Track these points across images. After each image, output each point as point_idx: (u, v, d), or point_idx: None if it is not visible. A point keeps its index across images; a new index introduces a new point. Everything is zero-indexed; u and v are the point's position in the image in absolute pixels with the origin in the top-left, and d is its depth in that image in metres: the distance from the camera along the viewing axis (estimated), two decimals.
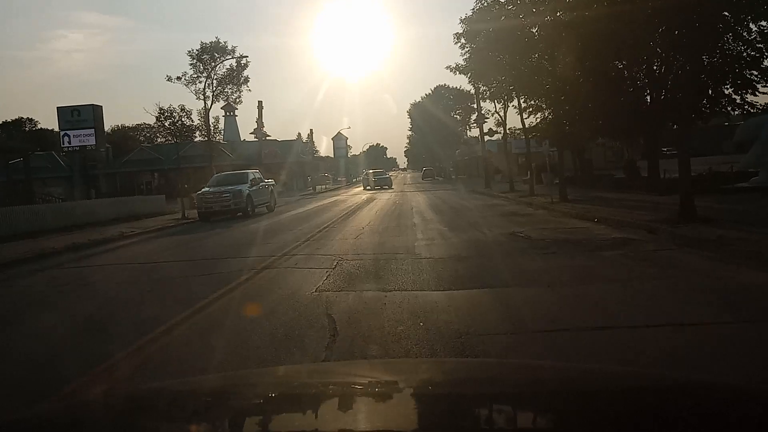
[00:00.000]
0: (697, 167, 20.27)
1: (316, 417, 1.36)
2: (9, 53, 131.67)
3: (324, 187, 58.34)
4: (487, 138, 39.49)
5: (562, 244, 9.00)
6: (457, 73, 23.89)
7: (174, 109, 21.22)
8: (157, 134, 67.34)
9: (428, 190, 36.67)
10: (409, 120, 70.47)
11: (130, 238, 15.57)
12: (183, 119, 21.07)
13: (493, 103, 25.95)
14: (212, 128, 31.10)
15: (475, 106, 60.22)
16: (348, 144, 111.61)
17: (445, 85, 61.71)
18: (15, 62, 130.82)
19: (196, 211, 20.99)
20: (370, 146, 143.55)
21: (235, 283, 7.04)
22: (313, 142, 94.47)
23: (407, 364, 2.93)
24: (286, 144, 60.56)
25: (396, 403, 1.47)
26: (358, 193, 39.80)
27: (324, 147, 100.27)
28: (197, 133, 28.40)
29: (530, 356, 3.84)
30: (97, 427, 1.38)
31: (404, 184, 56.89)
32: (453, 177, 59.67)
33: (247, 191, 20.95)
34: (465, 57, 23.03)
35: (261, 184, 22.70)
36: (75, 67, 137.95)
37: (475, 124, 33.30)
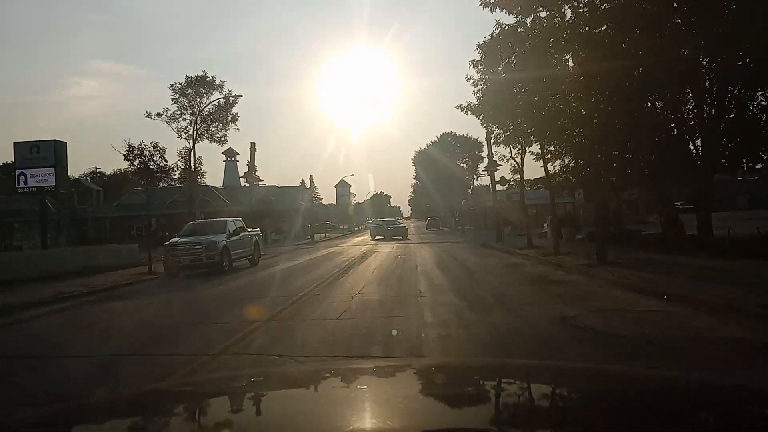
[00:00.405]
0: (724, 224, 17.57)
1: (317, 417, 1.37)
2: (26, 98, 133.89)
3: (324, 235, 55.42)
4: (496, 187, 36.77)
5: (654, 346, 5.80)
6: (468, 113, 21.24)
7: (145, 147, 18.40)
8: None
9: (434, 242, 33.52)
10: (414, 168, 68.14)
11: (62, 302, 12.41)
12: (155, 158, 18.20)
13: (508, 149, 23.23)
14: (195, 170, 28.33)
15: (484, 153, 58.18)
16: (352, 192, 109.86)
17: (451, 132, 59.74)
18: (30, 107, 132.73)
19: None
20: (374, 195, 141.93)
21: None
22: (313, 188, 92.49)
23: (407, 364, 3.02)
24: (284, 191, 58.04)
25: (396, 403, 1.48)
26: (357, 244, 36.72)
27: (328, 196, 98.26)
28: (178, 175, 25.74)
29: None
30: (97, 427, 1.40)
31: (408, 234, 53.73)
32: (459, 228, 56.62)
33: (224, 242, 17.90)
34: (478, 95, 20.45)
35: (243, 234, 19.67)
36: (89, 113, 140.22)
37: (485, 172, 30.53)
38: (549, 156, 24.11)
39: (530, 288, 11.01)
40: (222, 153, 78.42)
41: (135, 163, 18.31)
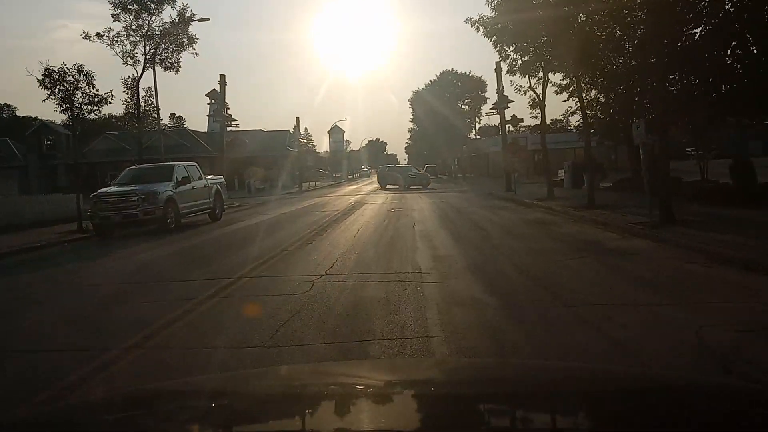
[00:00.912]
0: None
1: (317, 417, 1.36)
2: (10, 42, 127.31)
3: (314, 184, 51.43)
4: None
5: None
6: (480, 29, 16.92)
7: (68, 71, 14.14)
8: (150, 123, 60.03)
9: (433, 192, 29.69)
10: (411, 110, 62.82)
11: None
12: (80, 86, 13.98)
13: (526, 78, 19.00)
14: (144, 103, 23.93)
15: (488, 93, 53.23)
16: (346, 139, 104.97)
17: (452, 70, 54.23)
18: (15, 52, 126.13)
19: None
20: (369, 141, 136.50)
21: None
22: (305, 134, 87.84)
23: (407, 363, 2.92)
24: (271, 135, 53.53)
25: (396, 403, 1.47)
26: (347, 194, 32.87)
27: (322, 144, 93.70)
28: (123, 110, 21.58)
29: None
30: (97, 427, 1.37)
31: None
32: (459, 176, 52.56)
33: (169, 193, 14.02)
34: (494, 3, 16.07)
35: (197, 182, 15.74)
36: (75, 58, 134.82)
37: (493, 111, 26.30)
38: (573, 88, 20.09)
39: (584, 264, 7.25)
40: (205, 95, 73.42)
41: (55, 92, 14.14)
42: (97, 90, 14.67)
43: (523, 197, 19.82)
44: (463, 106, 54.33)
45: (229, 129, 63.91)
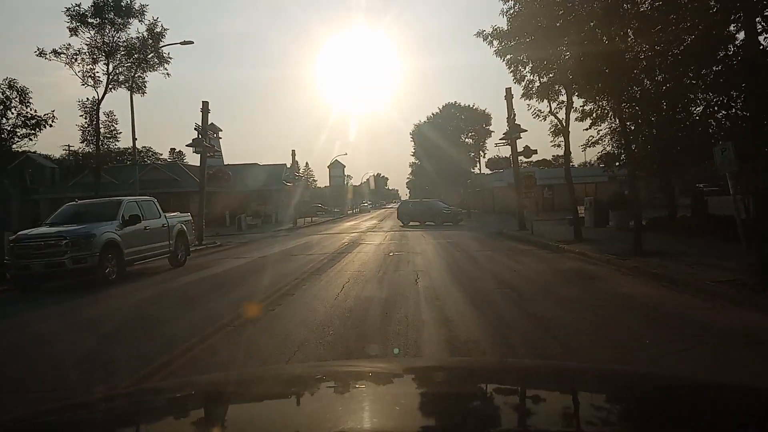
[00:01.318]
0: None
1: (317, 417, 1.33)
2: (24, 79, 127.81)
3: (310, 220, 48.65)
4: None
5: None
6: (493, 43, 14.44)
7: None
8: (146, 158, 57.63)
9: (437, 230, 26.85)
10: (413, 144, 60.31)
11: None
12: (12, 104, 11.34)
13: (545, 101, 16.43)
14: (104, 128, 21.29)
15: (492, 127, 50.91)
16: (348, 174, 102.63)
17: (455, 103, 52.00)
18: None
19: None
20: (371, 176, 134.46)
21: None
22: (301, 167, 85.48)
23: (407, 363, 2.87)
24: (266, 169, 51.08)
25: (396, 403, 1.44)
26: (342, 231, 30.02)
27: (323, 178, 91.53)
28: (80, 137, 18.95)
29: None
30: (97, 427, 1.36)
31: None
32: (463, 212, 49.72)
33: (109, 235, 11.21)
34: (511, 12, 13.61)
35: (152, 222, 12.93)
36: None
37: (504, 142, 23.66)
38: (598, 114, 17.55)
39: (705, 369, 4.34)
40: (194, 129, 71.62)
41: None
42: (35, 110, 12.07)
43: (543, 238, 16.96)
44: (466, 140, 51.91)
45: (217, 161, 61.66)
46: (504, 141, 23.77)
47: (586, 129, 19.20)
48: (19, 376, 5.00)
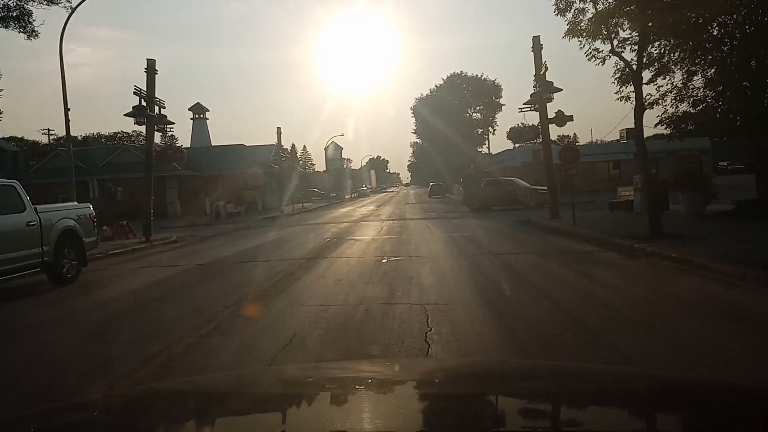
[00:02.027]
0: None
1: (317, 417, 1.34)
2: (18, 65, 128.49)
3: (301, 206, 43.90)
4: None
5: None
6: None
7: None
8: (137, 142, 52.98)
9: (443, 218, 22.08)
10: (414, 120, 54.73)
11: None
12: None
13: (599, 39, 11.58)
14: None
15: (502, 100, 45.44)
16: (347, 157, 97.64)
17: (461, 73, 46.50)
18: (22, 76, 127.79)
19: None
20: (370, 159, 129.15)
21: None
22: (297, 150, 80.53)
23: (407, 363, 2.85)
24: (253, 150, 46.21)
25: (396, 403, 1.45)
26: (333, 220, 25.24)
27: (321, 162, 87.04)
28: None
29: None
30: (97, 427, 1.36)
31: (406, 203, 42.00)
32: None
33: None
34: None
35: (7, 219, 8.20)
36: (81, 80, 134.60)
37: (529, 107, 18.73)
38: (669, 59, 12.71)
39: None
40: (189, 109, 66.44)
41: None
42: None
43: (593, 230, 12.20)
44: (474, 114, 46.68)
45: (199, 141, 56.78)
46: (529, 106, 18.87)
47: (646, 83, 14.25)
48: None
